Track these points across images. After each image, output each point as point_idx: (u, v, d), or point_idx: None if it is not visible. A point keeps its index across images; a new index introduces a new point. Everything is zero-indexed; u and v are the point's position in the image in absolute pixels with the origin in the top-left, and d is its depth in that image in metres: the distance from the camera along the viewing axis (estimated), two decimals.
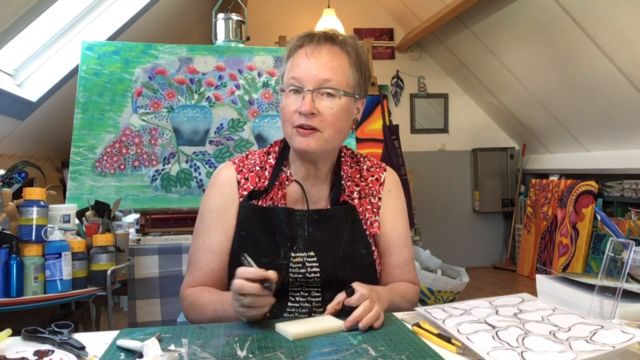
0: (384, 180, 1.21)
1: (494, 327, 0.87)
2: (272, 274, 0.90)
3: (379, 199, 1.19)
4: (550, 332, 0.84)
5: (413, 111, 5.41)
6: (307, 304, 1.08)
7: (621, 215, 3.89)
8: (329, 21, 4.41)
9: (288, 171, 1.16)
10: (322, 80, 1.04)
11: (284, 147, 1.17)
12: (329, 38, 1.08)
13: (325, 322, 0.93)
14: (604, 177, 4.15)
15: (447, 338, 0.84)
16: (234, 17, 2.66)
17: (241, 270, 0.90)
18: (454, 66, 5.22)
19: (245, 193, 1.13)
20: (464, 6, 3.86)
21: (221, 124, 2.43)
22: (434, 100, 5.44)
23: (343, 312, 0.95)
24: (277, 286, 0.92)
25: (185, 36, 4.82)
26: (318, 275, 1.08)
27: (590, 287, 0.95)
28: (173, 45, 2.45)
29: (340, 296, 0.97)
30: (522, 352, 0.77)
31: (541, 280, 1.07)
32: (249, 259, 0.94)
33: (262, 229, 1.09)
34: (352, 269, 1.08)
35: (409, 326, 0.93)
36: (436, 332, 0.88)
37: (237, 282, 0.89)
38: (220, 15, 2.66)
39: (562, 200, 4.50)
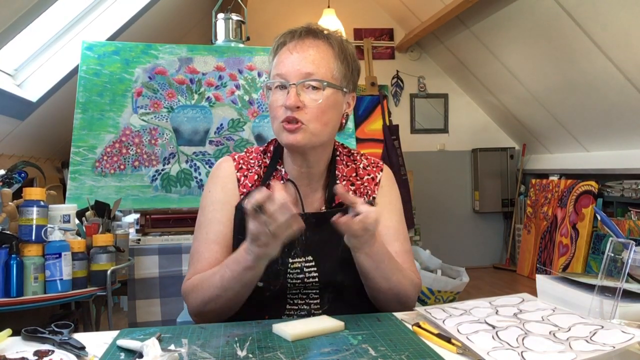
0: (379, 180, 1.19)
1: (494, 327, 0.87)
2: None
3: (374, 199, 1.17)
4: (550, 332, 0.84)
5: (413, 111, 5.41)
6: (305, 307, 1.08)
7: (621, 215, 3.89)
8: (329, 21, 4.41)
9: (282, 169, 1.15)
10: (306, 73, 1.03)
11: (279, 145, 1.15)
12: (311, 32, 1.08)
13: (324, 323, 0.93)
14: (604, 177, 4.15)
15: (447, 338, 0.84)
16: (234, 17, 2.66)
17: (257, 196, 0.87)
18: (454, 66, 5.22)
19: (245, 191, 1.12)
20: (464, 6, 3.86)
21: (221, 124, 2.43)
22: (434, 100, 5.44)
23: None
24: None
25: (185, 36, 4.82)
26: (317, 279, 1.07)
27: (590, 287, 0.95)
28: (173, 45, 2.45)
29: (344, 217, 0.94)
30: (522, 352, 0.77)
31: (541, 280, 1.06)
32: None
33: None
34: (351, 271, 1.06)
35: (409, 326, 0.93)
36: (436, 332, 0.88)
37: (259, 197, 0.86)
38: (220, 15, 2.66)
39: (562, 200, 4.50)
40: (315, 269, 1.08)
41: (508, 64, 4.40)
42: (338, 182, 1.16)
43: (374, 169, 1.21)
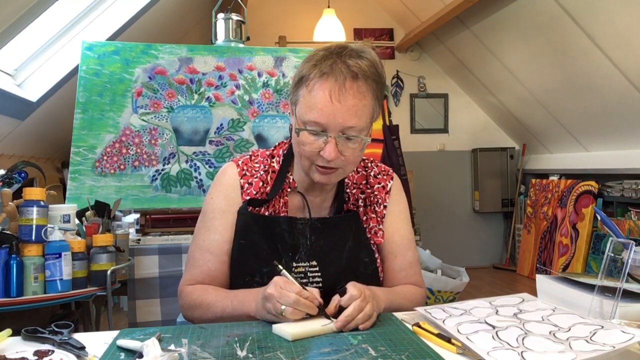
0: (390, 189, 1.19)
1: (494, 327, 0.87)
2: (317, 295, 0.93)
3: (384, 207, 1.18)
4: (550, 332, 0.84)
5: (413, 111, 5.41)
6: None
7: (621, 215, 3.89)
8: (329, 21, 4.41)
9: (291, 177, 1.14)
10: (347, 127, 0.99)
11: (288, 152, 1.14)
12: (353, 75, 0.99)
13: (324, 323, 0.93)
14: (604, 177, 4.15)
15: (447, 338, 0.84)
16: (234, 17, 2.66)
17: (297, 289, 0.91)
18: (454, 66, 5.22)
19: (248, 198, 1.11)
20: (464, 6, 3.86)
21: (221, 124, 2.43)
22: (434, 100, 5.44)
23: (340, 313, 0.95)
24: None
25: (185, 36, 4.82)
26: (320, 285, 1.07)
27: (590, 287, 0.95)
28: (173, 45, 2.45)
29: (336, 299, 0.96)
30: (522, 352, 0.77)
31: (541, 280, 1.06)
32: (287, 273, 0.95)
33: (262, 238, 1.08)
34: (355, 277, 1.05)
35: (409, 326, 0.93)
36: (436, 332, 0.88)
37: (294, 298, 0.90)
38: (220, 15, 2.66)
39: (562, 200, 4.50)
40: (319, 273, 1.08)
41: (508, 64, 4.40)
42: (348, 190, 1.17)
43: (385, 177, 1.21)
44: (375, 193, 1.18)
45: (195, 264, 1.12)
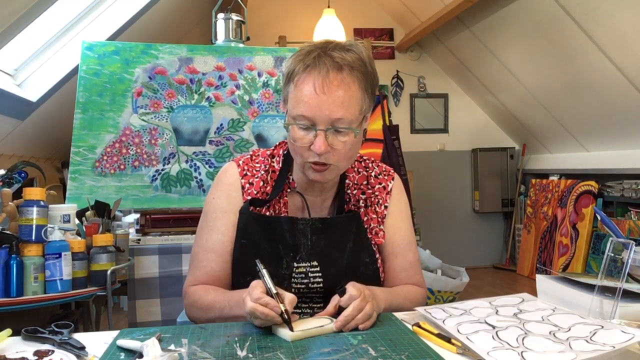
0: (391, 189, 1.19)
1: (494, 327, 0.87)
2: (289, 303, 0.90)
3: (385, 207, 1.17)
4: (550, 332, 0.84)
5: (413, 111, 5.41)
6: (309, 310, 1.08)
7: (621, 215, 3.89)
8: (329, 21, 4.41)
9: (291, 177, 1.14)
10: (335, 119, 0.98)
11: (289, 152, 1.13)
12: (337, 67, 0.99)
13: (323, 323, 0.93)
14: (604, 177, 4.15)
15: (447, 338, 0.84)
16: (234, 17, 2.66)
17: (256, 295, 0.89)
18: (454, 66, 5.22)
19: (249, 198, 1.11)
20: (464, 6, 3.86)
21: (221, 124, 2.43)
22: (434, 100, 5.44)
23: (340, 313, 0.95)
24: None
25: (185, 36, 4.82)
26: (321, 285, 1.07)
27: (590, 287, 0.95)
28: (173, 45, 2.45)
29: (336, 299, 0.96)
30: (522, 352, 0.77)
31: (541, 280, 1.07)
32: (265, 273, 0.93)
33: (263, 238, 1.08)
34: (356, 278, 1.05)
35: (409, 326, 0.93)
36: (436, 332, 0.88)
37: (250, 306, 0.88)
38: (220, 15, 2.66)
39: (562, 200, 4.50)
40: (320, 274, 1.07)
41: (508, 64, 4.40)
42: (349, 191, 1.16)
43: (386, 177, 1.20)
44: (376, 194, 1.18)
45: (199, 265, 1.11)
